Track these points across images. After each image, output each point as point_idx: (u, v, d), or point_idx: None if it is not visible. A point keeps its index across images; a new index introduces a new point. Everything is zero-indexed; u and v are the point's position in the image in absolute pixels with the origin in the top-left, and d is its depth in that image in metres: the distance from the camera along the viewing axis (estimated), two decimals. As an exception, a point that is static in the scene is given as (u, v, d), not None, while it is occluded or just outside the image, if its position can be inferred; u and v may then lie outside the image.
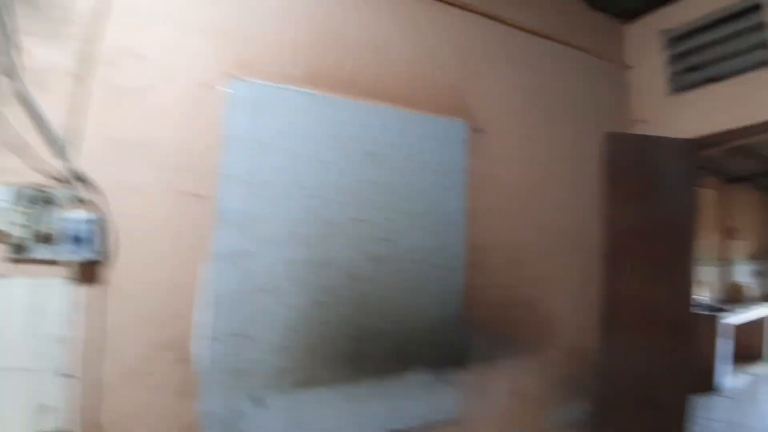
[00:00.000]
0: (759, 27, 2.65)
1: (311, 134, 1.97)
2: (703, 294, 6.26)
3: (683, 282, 2.74)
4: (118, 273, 1.72)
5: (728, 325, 5.44)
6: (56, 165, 1.66)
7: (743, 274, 7.12)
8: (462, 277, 2.24)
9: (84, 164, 1.71)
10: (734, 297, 6.58)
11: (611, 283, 2.62)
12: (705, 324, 5.31)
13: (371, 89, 2.13)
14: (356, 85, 2.10)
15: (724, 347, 5.30)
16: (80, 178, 1.69)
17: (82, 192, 1.69)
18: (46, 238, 1.62)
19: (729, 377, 5.39)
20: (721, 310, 5.58)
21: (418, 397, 2.10)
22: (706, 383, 5.21)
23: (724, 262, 6.81)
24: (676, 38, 3.08)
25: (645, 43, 3.23)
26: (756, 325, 6.30)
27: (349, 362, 1.97)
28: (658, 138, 2.88)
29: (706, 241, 6.50)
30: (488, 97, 2.50)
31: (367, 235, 2.03)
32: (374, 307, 2.03)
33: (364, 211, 2.03)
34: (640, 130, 3.14)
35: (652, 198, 2.75)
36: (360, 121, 2.06)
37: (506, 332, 2.41)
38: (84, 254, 1.65)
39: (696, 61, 3.00)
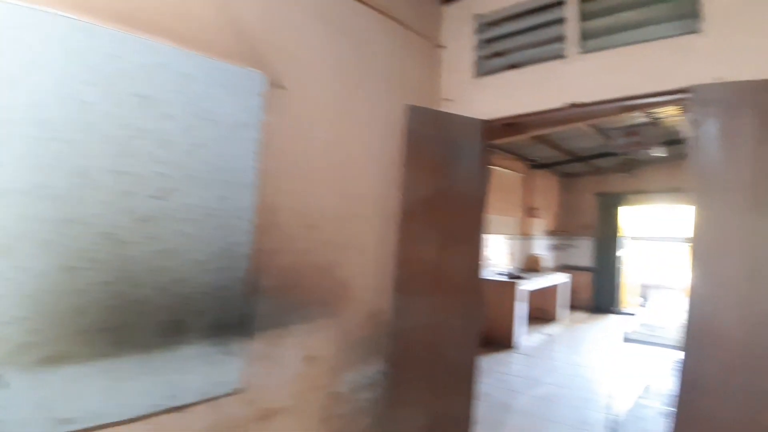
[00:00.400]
0: (559, 21, 2.91)
1: (67, 67, 1.60)
2: (505, 263, 7.11)
3: (473, 251, 2.98)
4: None
5: (525, 291, 6.24)
6: None
7: (541, 248, 8.25)
8: (250, 240, 2.06)
9: None
10: (532, 267, 7.60)
11: (405, 249, 2.71)
12: (506, 289, 6.04)
13: (150, 23, 1.79)
14: (131, 17, 1.74)
15: (522, 310, 6.07)
16: None
17: None
18: None
19: (525, 336, 6.21)
20: (519, 277, 6.38)
21: (195, 370, 1.91)
22: (505, 342, 5.93)
23: (526, 236, 7.80)
24: (487, 24, 3.28)
25: (459, 25, 3.39)
26: (550, 291, 7.37)
27: (111, 335, 1.69)
28: (456, 116, 3.04)
29: (512, 218, 7.38)
30: (294, 53, 2.34)
31: (133, 191, 1.73)
32: (142, 273, 1.76)
33: (129, 163, 1.72)
34: (446, 107, 3.31)
35: (447, 171, 2.90)
36: (132, 58, 1.74)
37: (300, 298, 2.34)
38: None
39: (501, 47, 3.23)
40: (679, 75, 2.41)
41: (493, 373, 4.94)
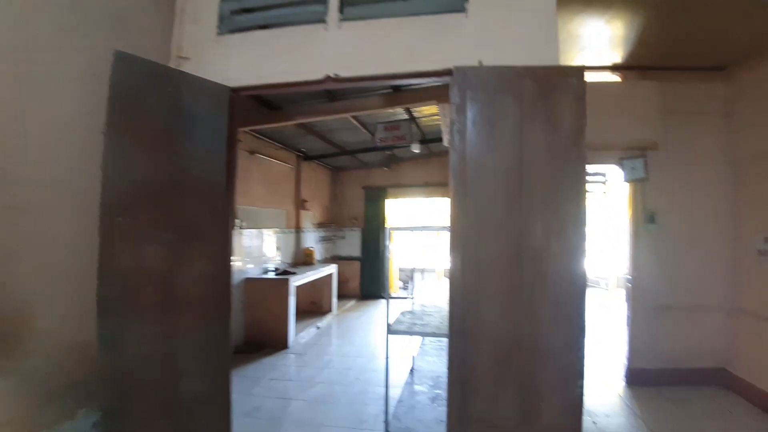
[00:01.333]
0: (321, -21, 2.54)
1: None
2: (275, 259, 6.66)
3: (217, 251, 2.35)
4: None
5: (298, 285, 5.89)
6: None
7: (312, 240, 8.06)
8: None
9: None
10: (305, 260, 7.34)
11: (117, 255, 1.91)
12: (277, 287, 5.58)
13: None
14: None
15: (295, 306, 5.70)
16: None
17: None
18: None
19: (300, 334, 5.86)
20: (291, 273, 6.00)
21: None
22: (280, 343, 5.48)
23: (297, 229, 7.49)
24: (236, -28, 2.68)
25: (201, -31, 2.69)
26: (322, 283, 7.22)
27: None
28: (193, 77, 2.35)
29: (282, 211, 6.96)
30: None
31: None
32: None
33: None
34: (180, 66, 2.56)
35: (179, 149, 2.18)
36: None
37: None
38: None
39: (252, 2, 2.69)
40: (442, 55, 2.28)
41: (264, 381, 4.44)
